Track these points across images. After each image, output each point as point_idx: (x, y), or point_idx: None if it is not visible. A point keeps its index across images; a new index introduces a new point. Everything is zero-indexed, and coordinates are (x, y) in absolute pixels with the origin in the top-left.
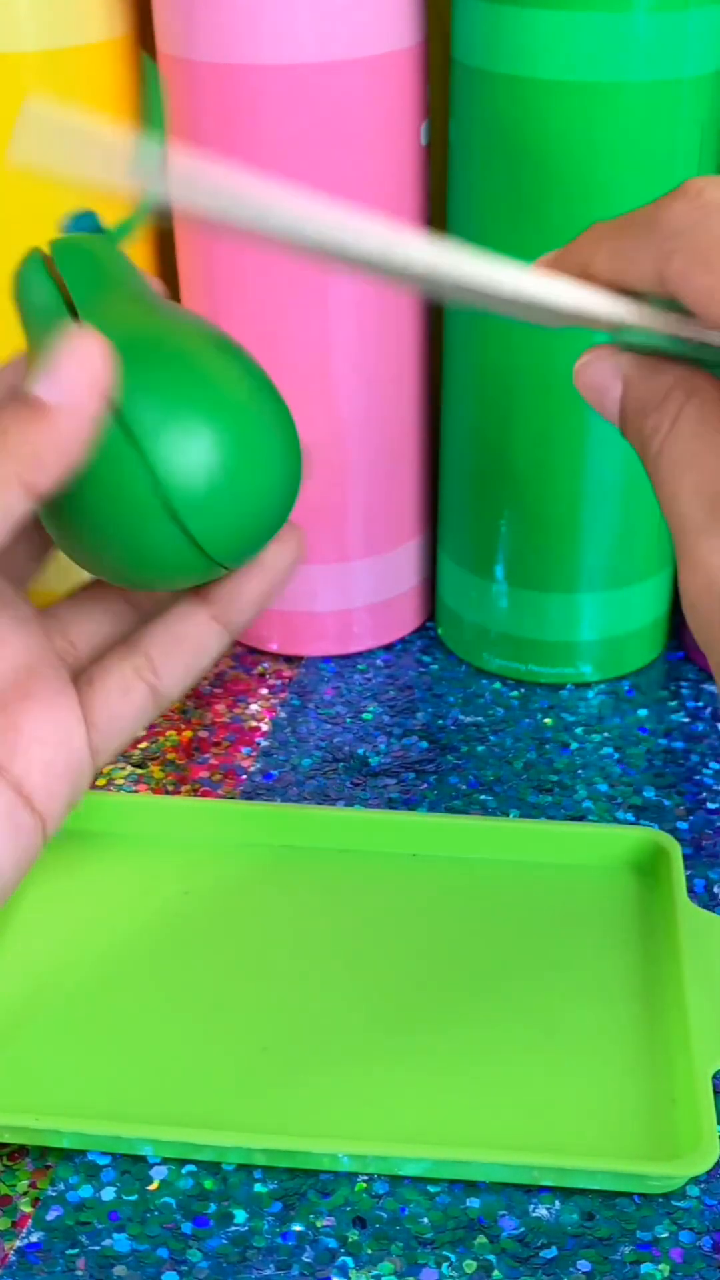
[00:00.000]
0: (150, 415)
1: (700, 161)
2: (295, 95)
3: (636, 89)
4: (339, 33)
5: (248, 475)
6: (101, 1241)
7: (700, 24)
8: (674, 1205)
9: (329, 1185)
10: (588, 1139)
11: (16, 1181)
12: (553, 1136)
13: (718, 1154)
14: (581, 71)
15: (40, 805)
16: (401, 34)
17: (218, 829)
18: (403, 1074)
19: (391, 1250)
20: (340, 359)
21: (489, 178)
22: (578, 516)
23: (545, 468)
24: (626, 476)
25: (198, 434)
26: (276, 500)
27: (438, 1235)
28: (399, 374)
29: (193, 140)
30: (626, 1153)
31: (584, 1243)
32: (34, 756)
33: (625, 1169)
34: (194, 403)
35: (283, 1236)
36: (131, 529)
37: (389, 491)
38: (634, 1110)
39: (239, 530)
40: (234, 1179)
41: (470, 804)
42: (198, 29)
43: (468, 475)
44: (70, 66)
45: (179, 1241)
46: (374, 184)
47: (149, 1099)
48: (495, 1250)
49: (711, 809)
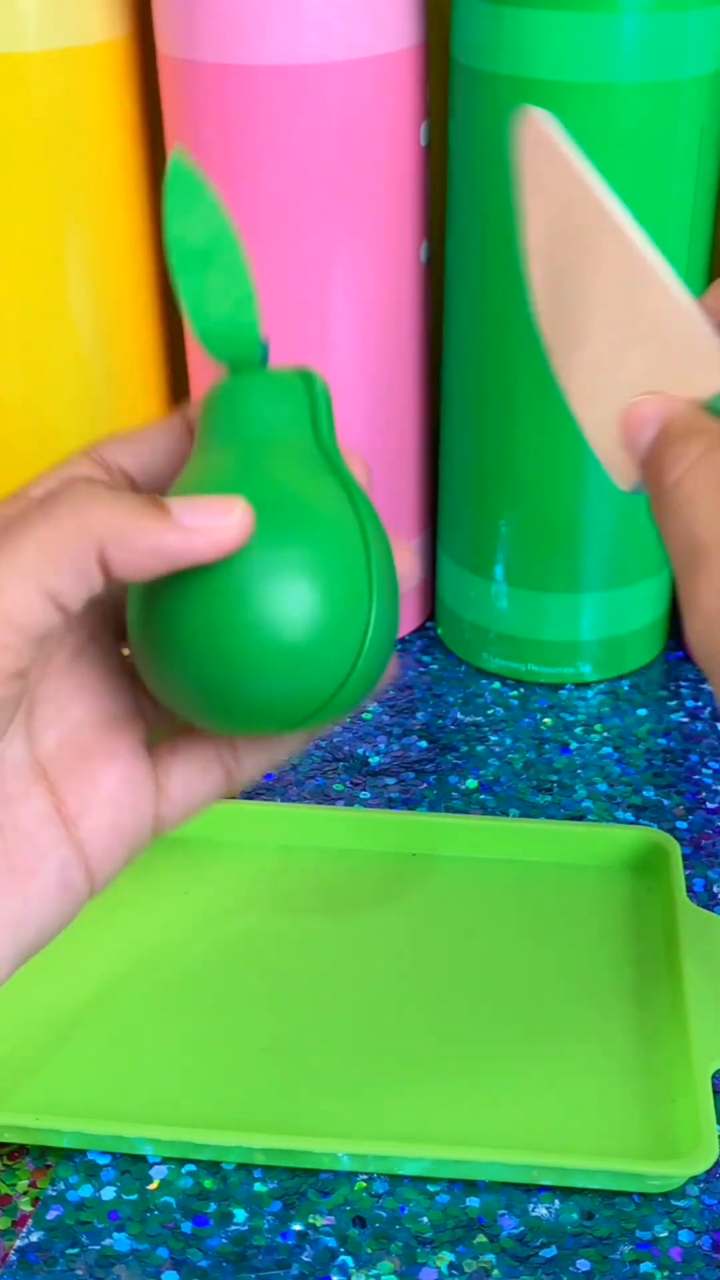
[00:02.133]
0: (270, 568)
1: (700, 162)
2: (295, 95)
3: (636, 90)
4: (339, 33)
5: (348, 648)
6: (102, 1241)
7: (699, 24)
8: (673, 1205)
9: (329, 1185)
10: (587, 1138)
11: (17, 1181)
12: (552, 1136)
13: (717, 1153)
14: (581, 72)
15: (95, 866)
16: (401, 34)
17: (218, 829)
18: (402, 1073)
19: (391, 1249)
20: (340, 359)
21: (489, 178)
22: (577, 517)
23: (545, 468)
24: None
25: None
26: (375, 667)
27: (437, 1234)
28: (399, 373)
29: (193, 140)
30: (626, 1152)
31: (583, 1242)
32: (104, 817)
33: (624, 1168)
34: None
35: (283, 1236)
36: (233, 670)
37: (389, 491)
38: (633, 1110)
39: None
40: (234, 1178)
41: (470, 804)
42: (198, 29)
43: (468, 475)
44: (71, 67)
45: (179, 1241)
46: (374, 184)
47: (149, 1098)
48: (495, 1249)
49: (711, 809)
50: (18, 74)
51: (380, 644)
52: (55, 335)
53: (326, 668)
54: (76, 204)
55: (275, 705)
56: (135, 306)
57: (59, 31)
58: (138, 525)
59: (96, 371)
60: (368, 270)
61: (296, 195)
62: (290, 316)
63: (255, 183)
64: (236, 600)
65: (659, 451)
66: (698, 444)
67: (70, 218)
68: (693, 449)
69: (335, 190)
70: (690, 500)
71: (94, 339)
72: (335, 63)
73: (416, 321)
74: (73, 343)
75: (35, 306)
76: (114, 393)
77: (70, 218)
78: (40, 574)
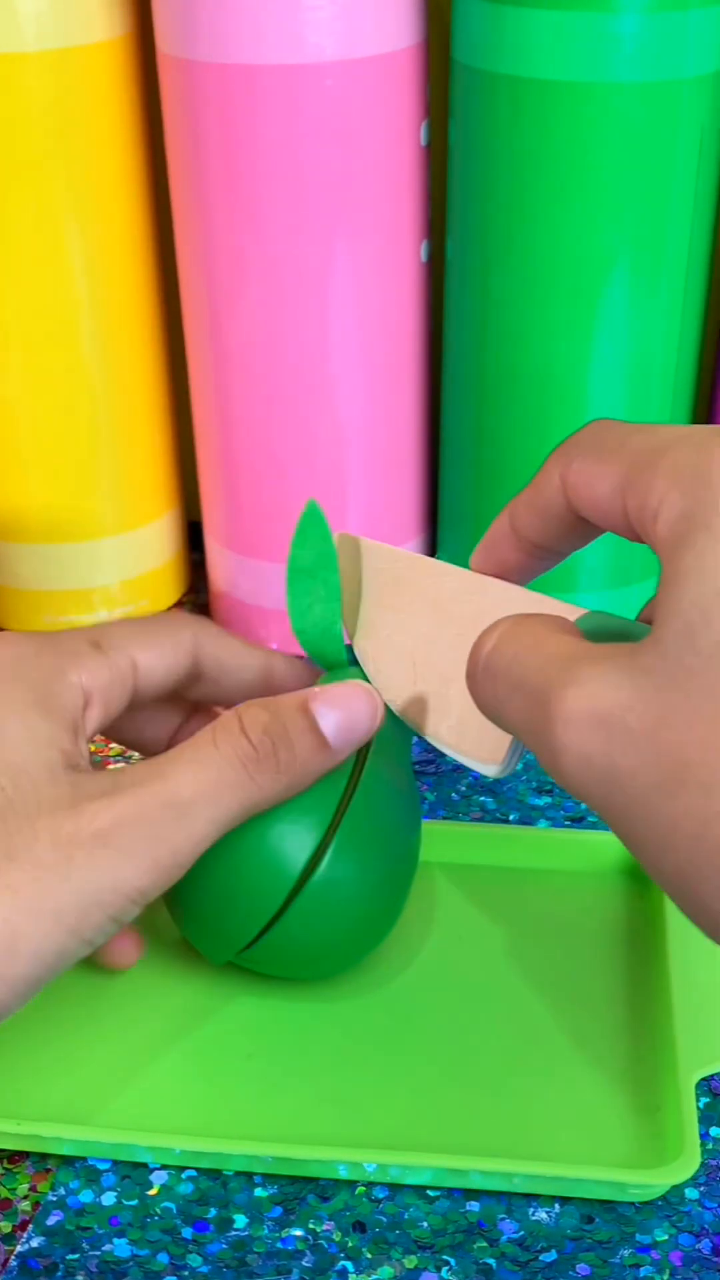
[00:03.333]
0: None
1: (700, 162)
2: (295, 95)
3: (636, 89)
4: (338, 33)
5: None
6: (102, 1247)
7: (699, 24)
8: (673, 1209)
9: (328, 1190)
10: (571, 1145)
11: (17, 1185)
12: (537, 1143)
13: (699, 1163)
14: (581, 72)
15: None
16: (401, 34)
17: None
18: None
19: (391, 1255)
20: (340, 359)
21: (489, 178)
22: None
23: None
24: None
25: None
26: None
27: (437, 1239)
28: (399, 374)
29: (193, 140)
30: (610, 1160)
31: (583, 1246)
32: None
33: (606, 1177)
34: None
35: (283, 1241)
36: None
37: (389, 491)
38: (618, 1117)
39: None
40: (234, 1184)
41: (470, 805)
42: (198, 29)
43: (468, 475)
44: (71, 66)
45: (179, 1246)
46: (374, 184)
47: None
48: (495, 1254)
49: None
50: (17, 74)
51: (335, 900)
52: (54, 335)
53: (249, 906)
54: (76, 204)
55: (208, 934)
56: (135, 306)
57: (58, 31)
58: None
59: (96, 371)
60: (368, 270)
61: (296, 195)
62: (290, 316)
63: (255, 182)
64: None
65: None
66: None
67: (70, 217)
68: (499, 624)
69: (335, 190)
70: (509, 666)
71: (93, 339)
72: (335, 62)
73: (416, 321)
74: (72, 342)
75: (34, 306)
76: (114, 392)
77: (70, 217)
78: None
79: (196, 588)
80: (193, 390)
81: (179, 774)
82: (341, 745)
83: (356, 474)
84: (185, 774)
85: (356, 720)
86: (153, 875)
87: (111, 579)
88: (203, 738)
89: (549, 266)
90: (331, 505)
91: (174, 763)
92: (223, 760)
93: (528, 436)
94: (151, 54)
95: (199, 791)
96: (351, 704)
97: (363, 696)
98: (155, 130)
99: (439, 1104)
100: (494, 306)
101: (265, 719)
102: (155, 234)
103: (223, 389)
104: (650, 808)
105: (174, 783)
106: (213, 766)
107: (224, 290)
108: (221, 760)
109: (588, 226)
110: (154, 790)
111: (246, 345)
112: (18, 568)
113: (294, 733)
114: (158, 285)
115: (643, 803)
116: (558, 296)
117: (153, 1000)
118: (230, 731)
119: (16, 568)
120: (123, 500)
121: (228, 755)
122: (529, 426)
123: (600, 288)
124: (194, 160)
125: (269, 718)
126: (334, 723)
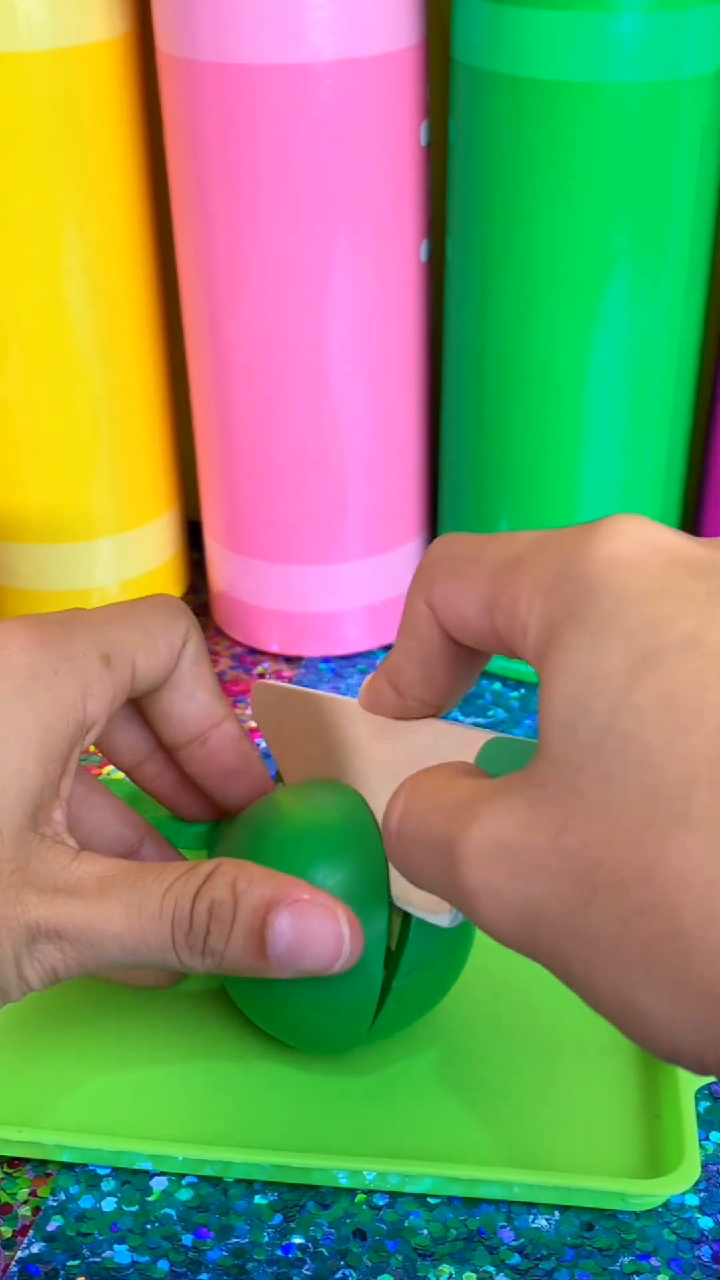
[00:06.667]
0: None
1: (700, 162)
2: (295, 95)
3: (636, 89)
4: (338, 33)
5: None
6: (102, 1253)
7: (700, 24)
8: (674, 1216)
9: (329, 1197)
10: (571, 1154)
11: (17, 1190)
12: (536, 1151)
13: (698, 1173)
14: (581, 72)
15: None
16: (401, 34)
17: None
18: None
19: (391, 1263)
20: (340, 359)
21: (489, 178)
22: (576, 517)
23: (544, 468)
24: (625, 478)
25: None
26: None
27: (437, 1247)
28: (399, 374)
29: (193, 140)
30: (610, 1169)
31: (583, 1254)
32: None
33: (607, 1187)
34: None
35: (283, 1249)
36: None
37: (389, 491)
38: (618, 1126)
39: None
40: (234, 1191)
41: None
42: (198, 29)
43: (468, 475)
44: (70, 66)
45: (179, 1253)
46: (374, 184)
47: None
48: (495, 1262)
49: None
50: (17, 73)
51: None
52: (54, 334)
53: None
54: (76, 203)
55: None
56: (135, 305)
57: (58, 31)
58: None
59: (95, 371)
60: (367, 270)
61: (296, 195)
62: (290, 316)
63: (255, 182)
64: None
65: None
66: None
67: (69, 217)
68: (402, 788)
69: (335, 190)
70: (418, 822)
71: (93, 338)
72: (335, 62)
73: (416, 321)
74: (71, 342)
75: (34, 305)
76: (113, 392)
77: (69, 217)
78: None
79: (196, 587)
80: (192, 390)
81: (112, 906)
82: (282, 967)
83: (356, 474)
84: (117, 910)
85: (311, 955)
86: (50, 981)
87: (111, 579)
88: (152, 877)
89: (549, 266)
90: (331, 505)
91: (116, 888)
92: (158, 915)
93: (528, 436)
94: (151, 54)
95: (123, 931)
96: (315, 939)
97: (330, 940)
98: (155, 130)
99: (439, 1112)
100: (494, 306)
101: (220, 894)
102: (155, 233)
103: (222, 389)
104: (573, 930)
105: (105, 911)
106: (145, 917)
107: (224, 290)
108: (157, 913)
109: (588, 226)
110: (85, 911)
111: (246, 345)
112: (17, 567)
113: (238, 928)
114: (157, 285)
115: (565, 928)
116: (558, 296)
117: (154, 1008)
118: (184, 887)
119: (15, 567)
120: (122, 500)
121: (165, 911)
122: (529, 426)
123: (600, 288)
124: (194, 160)
125: (224, 896)
126: (285, 946)
